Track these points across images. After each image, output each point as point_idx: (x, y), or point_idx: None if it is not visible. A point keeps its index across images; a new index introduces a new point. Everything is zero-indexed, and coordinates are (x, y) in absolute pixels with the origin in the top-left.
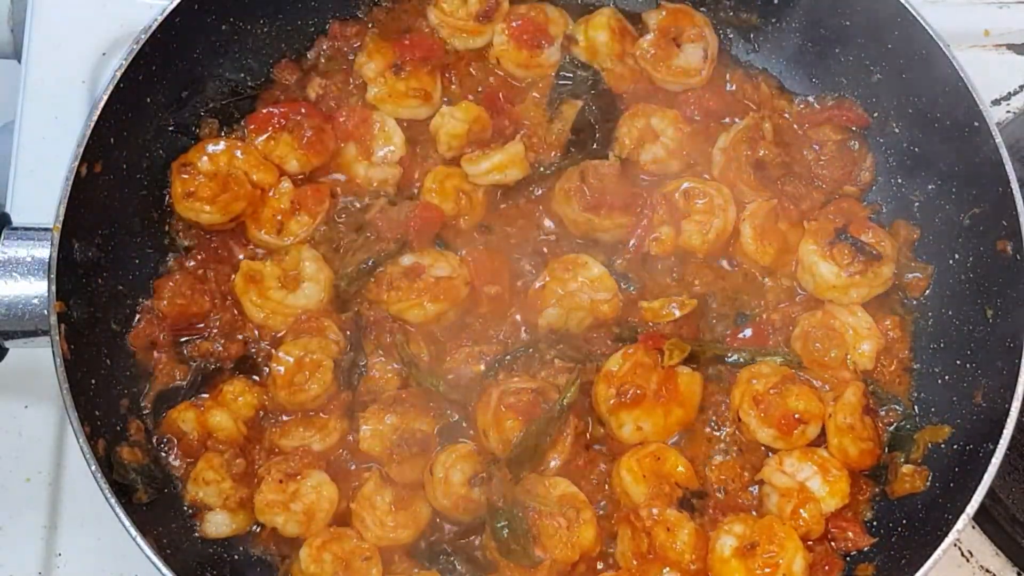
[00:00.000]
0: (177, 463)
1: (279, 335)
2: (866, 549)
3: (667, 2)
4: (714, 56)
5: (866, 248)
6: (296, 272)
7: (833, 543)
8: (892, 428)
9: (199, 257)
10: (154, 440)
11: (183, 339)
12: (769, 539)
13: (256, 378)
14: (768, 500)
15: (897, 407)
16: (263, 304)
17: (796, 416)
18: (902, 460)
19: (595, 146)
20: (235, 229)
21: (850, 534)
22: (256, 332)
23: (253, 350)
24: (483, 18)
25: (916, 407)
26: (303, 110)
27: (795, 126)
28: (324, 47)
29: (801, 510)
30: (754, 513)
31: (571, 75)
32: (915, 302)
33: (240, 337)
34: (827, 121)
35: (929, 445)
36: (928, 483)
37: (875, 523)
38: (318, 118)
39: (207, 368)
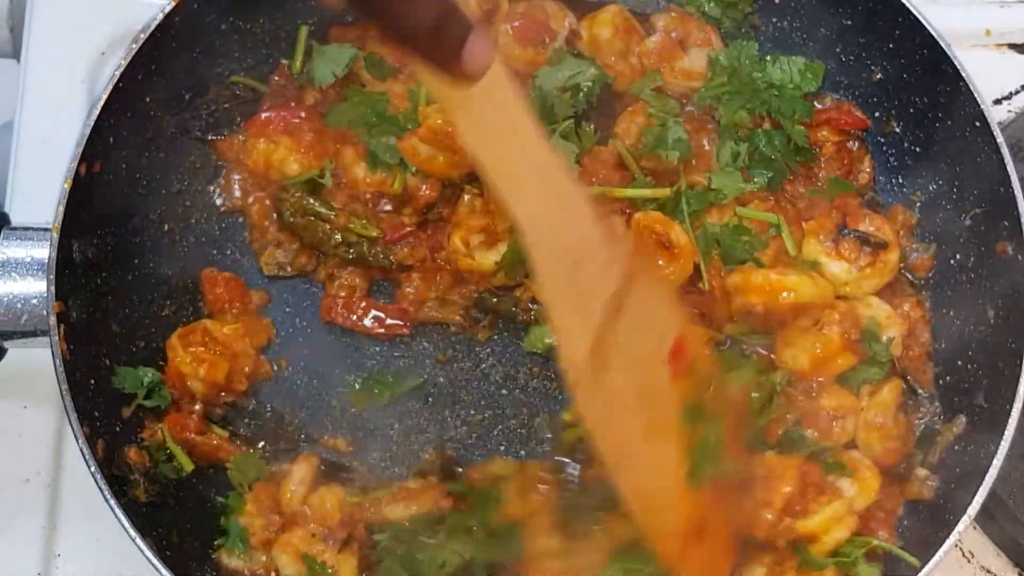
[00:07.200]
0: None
1: None
2: None
3: (673, 4)
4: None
5: (870, 239)
6: None
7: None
8: (922, 426)
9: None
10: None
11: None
12: None
13: None
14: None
15: (926, 403)
16: None
17: (830, 413)
18: (920, 460)
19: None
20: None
21: (881, 533)
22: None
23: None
24: (484, 19)
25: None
26: (302, 114)
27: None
28: None
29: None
30: None
31: None
32: (923, 281)
33: None
34: (825, 124)
35: (950, 439)
36: (933, 495)
37: None
38: (317, 121)
39: None
